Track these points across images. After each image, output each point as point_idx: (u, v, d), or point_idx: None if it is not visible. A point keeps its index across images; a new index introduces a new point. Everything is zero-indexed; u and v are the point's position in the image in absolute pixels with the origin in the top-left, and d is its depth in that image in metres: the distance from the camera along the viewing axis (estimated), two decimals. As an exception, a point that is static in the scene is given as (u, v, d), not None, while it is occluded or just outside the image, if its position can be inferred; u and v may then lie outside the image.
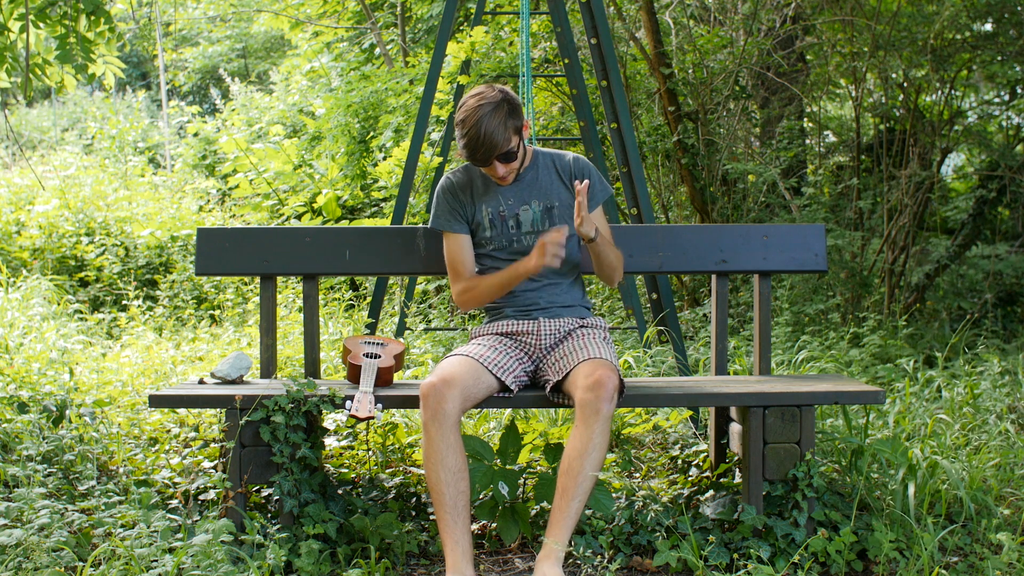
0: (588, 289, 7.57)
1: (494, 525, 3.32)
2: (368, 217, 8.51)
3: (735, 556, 3.01)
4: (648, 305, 5.70)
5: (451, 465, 2.88)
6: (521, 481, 3.43)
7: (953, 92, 7.14)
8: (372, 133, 9.12)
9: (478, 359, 3.07)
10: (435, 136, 6.61)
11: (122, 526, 2.96)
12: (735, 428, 3.26)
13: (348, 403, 3.01)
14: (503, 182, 3.22)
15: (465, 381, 2.97)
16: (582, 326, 3.25)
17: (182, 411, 4.23)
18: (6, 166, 11.76)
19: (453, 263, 3.29)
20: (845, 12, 7.20)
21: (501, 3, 8.32)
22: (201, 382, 3.32)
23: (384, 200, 7.76)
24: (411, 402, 3.09)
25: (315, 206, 9.04)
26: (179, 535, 2.85)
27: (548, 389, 3.09)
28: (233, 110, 12.49)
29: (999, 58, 6.95)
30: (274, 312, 3.55)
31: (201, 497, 3.42)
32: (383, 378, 3.20)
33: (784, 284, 6.73)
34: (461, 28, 7.88)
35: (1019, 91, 7.63)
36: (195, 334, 5.87)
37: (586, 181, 3.10)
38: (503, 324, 3.24)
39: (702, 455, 3.73)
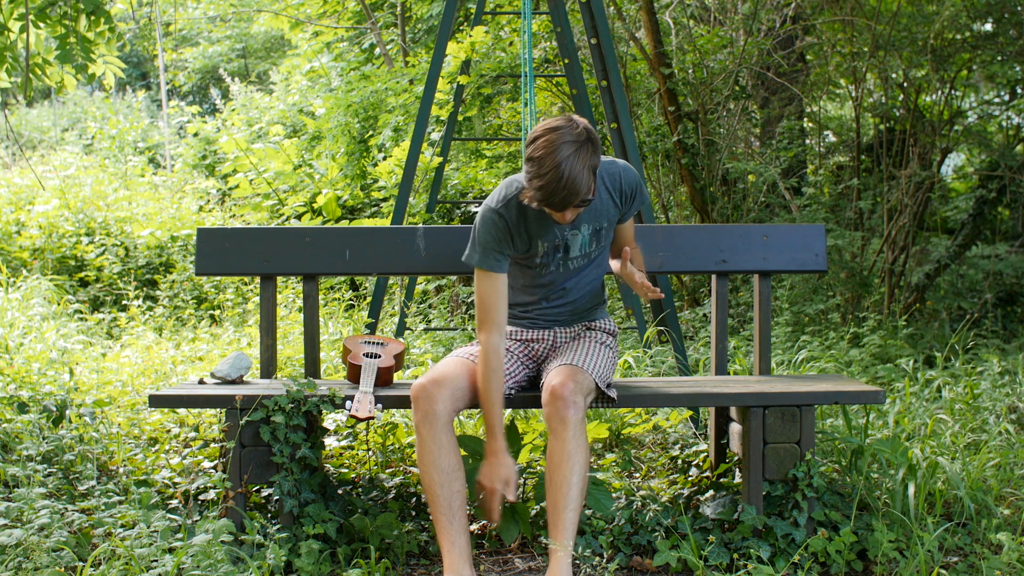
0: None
1: (494, 525, 3.32)
2: (368, 217, 8.51)
3: (735, 556, 3.01)
4: (648, 305, 5.70)
5: (444, 466, 2.86)
6: (521, 481, 3.43)
7: (953, 92, 7.14)
8: (372, 133, 9.12)
9: (473, 360, 3.06)
10: (435, 136, 6.61)
11: (122, 526, 2.96)
12: (735, 428, 3.26)
13: (348, 403, 3.01)
14: (563, 220, 2.92)
15: (456, 381, 2.95)
16: (588, 328, 3.24)
17: (182, 411, 4.23)
18: (6, 166, 11.76)
19: (485, 304, 3.00)
20: (845, 12, 7.20)
21: (501, 3, 8.32)
22: (201, 382, 3.32)
23: (384, 200, 7.75)
24: (411, 402, 3.09)
25: (315, 206, 9.04)
26: (179, 535, 2.86)
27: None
28: (233, 110, 12.49)
29: (999, 58, 6.95)
30: (274, 312, 3.55)
31: (201, 497, 3.42)
32: (383, 378, 3.20)
33: (784, 284, 6.73)
34: (461, 28, 7.88)
35: (1019, 91, 7.63)
36: (195, 334, 5.87)
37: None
38: (516, 331, 3.21)
39: (702, 455, 3.73)
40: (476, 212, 3.49)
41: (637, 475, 3.88)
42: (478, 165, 9.13)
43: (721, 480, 3.44)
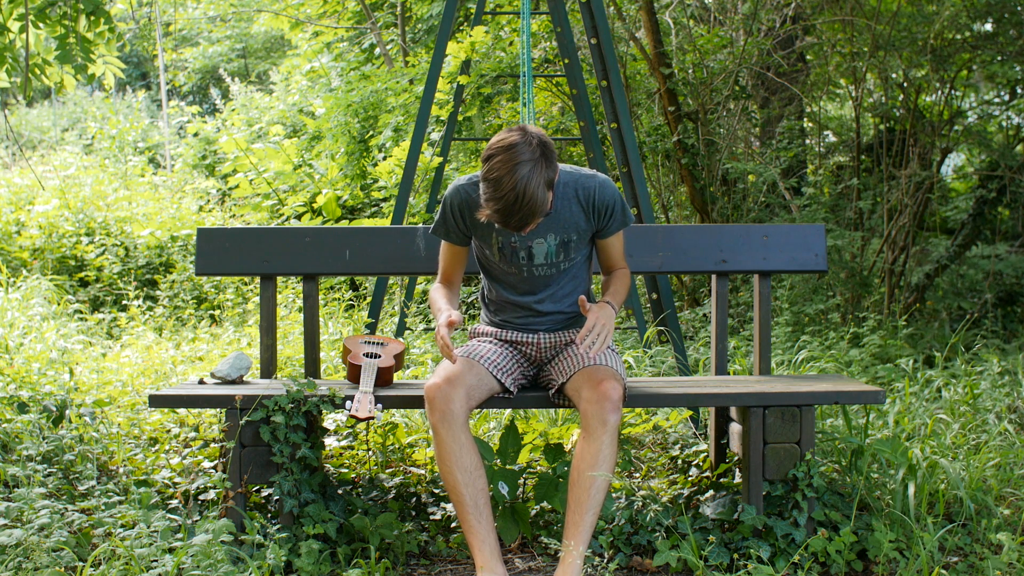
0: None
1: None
2: (368, 217, 8.51)
3: (735, 556, 3.01)
4: (648, 305, 5.71)
5: (467, 465, 2.85)
6: (521, 481, 3.43)
7: (953, 92, 7.14)
8: (372, 133, 9.12)
9: (478, 359, 3.06)
10: (435, 136, 6.61)
11: (122, 526, 2.97)
12: (735, 428, 3.26)
13: (348, 403, 3.01)
14: (522, 233, 2.92)
15: (469, 380, 2.95)
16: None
17: (182, 411, 4.23)
18: (6, 166, 11.75)
19: (440, 263, 3.21)
20: (845, 12, 7.20)
21: (501, 3, 8.32)
22: (201, 382, 3.32)
23: (384, 200, 7.76)
24: (411, 402, 3.09)
25: (315, 206, 9.04)
26: (179, 535, 2.86)
27: (552, 392, 3.06)
28: (233, 110, 12.49)
29: (999, 58, 6.95)
30: (274, 312, 3.55)
31: (201, 497, 3.42)
32: (383, 378, 3.20)
33: (784, 284, 6.73)
34: (461, 28, 7.88)
35: (1019, 91, 7.63)
36: (195, 334, 5.87)
37: (588, 339, 2.84)
38: (503, 332, 3.20)
39: (702, 455, 3.73)
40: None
41: (637, 475, 3.88)
42: (478, 165, 9.12)
43: (721, 480, 3.44)
